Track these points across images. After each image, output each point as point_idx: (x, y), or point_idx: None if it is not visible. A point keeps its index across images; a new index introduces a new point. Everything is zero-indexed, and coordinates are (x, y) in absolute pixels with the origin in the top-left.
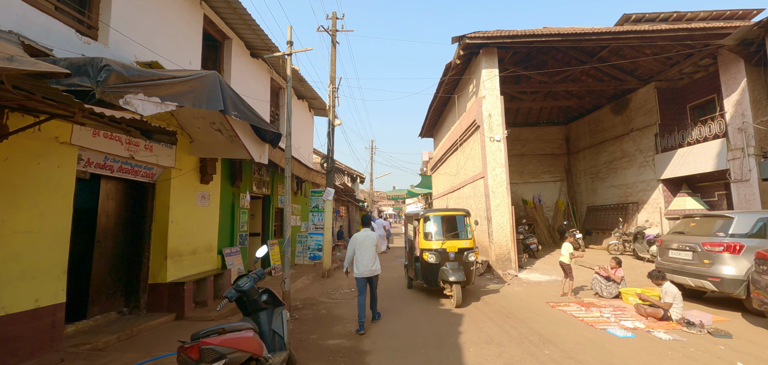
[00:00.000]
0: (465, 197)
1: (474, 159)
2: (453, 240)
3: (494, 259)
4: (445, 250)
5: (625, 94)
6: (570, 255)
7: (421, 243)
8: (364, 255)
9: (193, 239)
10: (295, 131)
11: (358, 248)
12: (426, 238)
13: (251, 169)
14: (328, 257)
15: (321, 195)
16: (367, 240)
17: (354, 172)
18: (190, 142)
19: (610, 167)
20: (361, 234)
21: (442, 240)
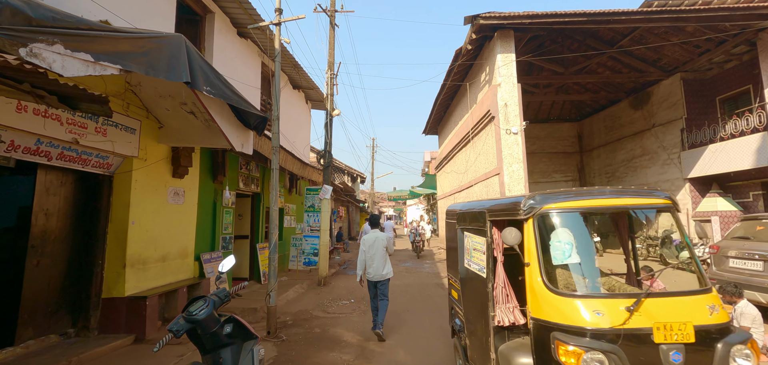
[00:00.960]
0: (476, 196)
1: (487, 154)
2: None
3: None
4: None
5: (646, 86)
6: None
7: (538, 299)
8: (374, 259)
9: (161, 243)
10: (290, 123)
11: (368, 251)
12: (556, 288)
13: (237, 162)
14: (325, 262)
15: (317, 194)
16: (377, 242)
17: (354, 171)
18: (158, 128)
19: (628, 166)
20: (371, 236)
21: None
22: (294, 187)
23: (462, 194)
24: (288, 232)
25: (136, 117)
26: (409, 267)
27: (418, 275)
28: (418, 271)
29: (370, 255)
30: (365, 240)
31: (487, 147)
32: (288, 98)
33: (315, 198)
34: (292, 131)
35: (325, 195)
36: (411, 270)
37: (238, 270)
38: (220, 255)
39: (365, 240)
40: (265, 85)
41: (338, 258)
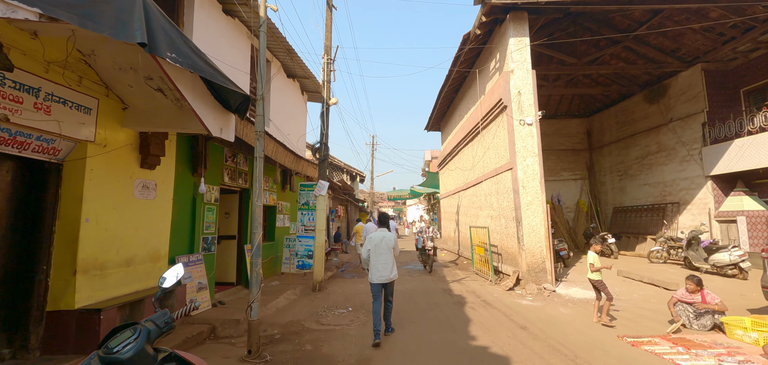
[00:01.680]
0: (483, 194)
1: (497, 148)
2: None
3: (525, 270)
4: None
5: (662, 79)
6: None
7: None
8: (380, 259)
9: (126, 244)
10: (283, 114)
11: (374, 251)
12: None
13: (222, 153)
14: (321, 265)
15: (312, 190)
16: (383, 242)
17: (354, 169)
18: (122, 109)
19: (642, 163)
20: (377, 234)
21: None
22: (288, 183)
23: (468, 192)
24: (281, 232)
25: (91, 94)
26: (412, 271)
27: (423, 280)
28: (422, 275)
29: (376, 256)
30: (371, 238)
31: (497, 140)
32: (281, 87)
33: (309, 194)
34: (285, 123)
35: (320, 191)
36: (414, 275)
37: (224, 274)
38: (199, 258)
39: (371, 238)
40: (255, 70)
41: (336, 259)
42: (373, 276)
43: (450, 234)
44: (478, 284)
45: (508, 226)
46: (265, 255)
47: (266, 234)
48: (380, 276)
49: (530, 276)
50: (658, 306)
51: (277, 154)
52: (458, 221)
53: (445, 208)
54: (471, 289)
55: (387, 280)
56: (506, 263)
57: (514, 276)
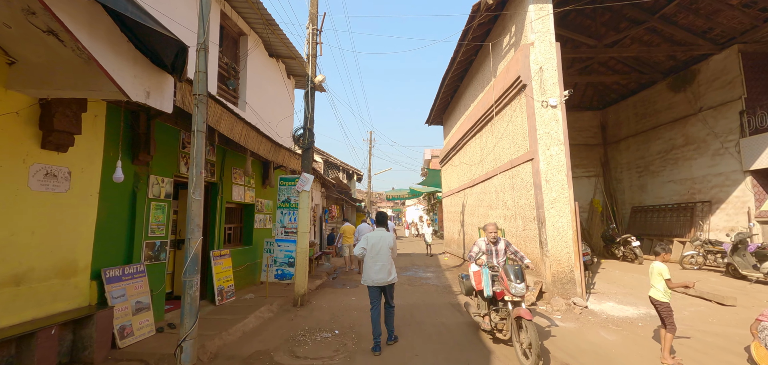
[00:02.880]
0: (495, 191)
1: (513, 136)
2: None
3: (550, 280)
4: None
5: (690, 64)
6: (668, 285)
7: None
8: (378, 261)
9: (14, 254)
10: (265, 99)
11: (371, 251)
12: None
13: (177, 137)
14: (304, 275)
15: (293, 185)
16: (381, 242)
17: (350, 167)
18: (7, 64)
19: (666, 158)
20: (375, 234)
21: None
22: (269, 178)
23: (475, 189)
24: (261, 235)
25: None
26: (412, 277)
27: (425, 290)
28: (423, 284)
29: (372, 256)
30: (369, 238)
31: (513, 127)
32: (261, 67)
33: (291, 190)
34: (266, 108)
35: (304, 185)
36: (414, 283)
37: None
38: (141, 269)
39: (369, 238)
40: (228, 45)
41: (327, 264)
42: (369, 278)
43: (453, 236)
44: None
45: (526, 228)
46: (241, 262)
47: (243, 237)
48: (378, 278)
49: (556, 288)
50: (721, 328)
51: (248, 139)
52: (463, 222)
53: (448, 208)
54: None
55: (386, 283)
56: (531, 273)
57: (536, 288)
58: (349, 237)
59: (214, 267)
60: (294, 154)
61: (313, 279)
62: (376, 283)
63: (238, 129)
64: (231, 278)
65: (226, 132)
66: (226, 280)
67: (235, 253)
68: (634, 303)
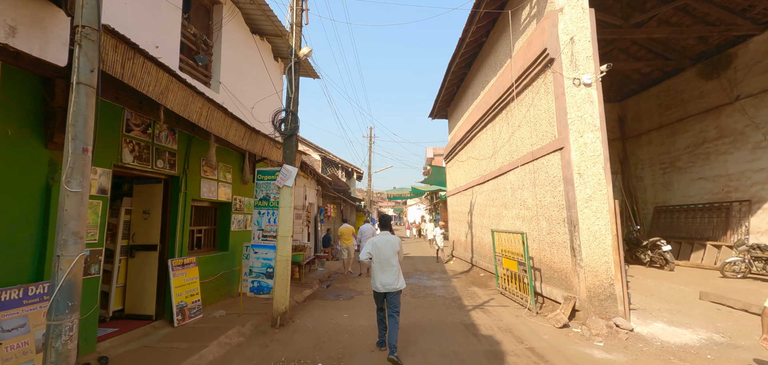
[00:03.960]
0: (510, 188)
1: (535, 122)
2: None
3: (585, 295)
4: None
5: (724, 48)
6: None
7: None
8: (385, 267)
9: None
10: (247, 81)
11: (377, 256)
12: None
13: (119, 115)
14: (284, 289)
15: (273, 179)
16: (386, 246)
17: (349, 165)
18: None
19: (696, 153)
20: (380, 238)
21: None
22: (252, 173)
23: (485, 186)
24: (240, 238)
25: None
26: (415, 286)
27: (431, 303)
28: (428, 295)
29: (378, 261)
30: (374, 242)
31: (536, 112)
32: (241, 44)
33: (270, 186)
34: (247, 92)
35: (285, 180)
36: (418, 293)
37: (137, 302)
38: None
39: (374, 242)
40: (198, 13)
41: (321, 270)
42: (376, 284)
43: (460, 238)
44: (511, 313)
45: (552, 231)
46: (214, 271)
47: (217, 241)
48: (383, 283)
49: (592, 305)
50: None
51: (211, 120)
52: (471, 223)
53: (454, 207)
54: (505, 324)
55: (393, 289)
56: (549, 283)
57: (567, 304)
58: (348, 238)
59: (173, 280)
60: (275, 143)
61: (302, 288)
62: (381, 290)
63: (195, 106)
64: (197, 291)
65: (178, 109)
66: (190, 294)
67: (206, 261)
68: (688, 324)
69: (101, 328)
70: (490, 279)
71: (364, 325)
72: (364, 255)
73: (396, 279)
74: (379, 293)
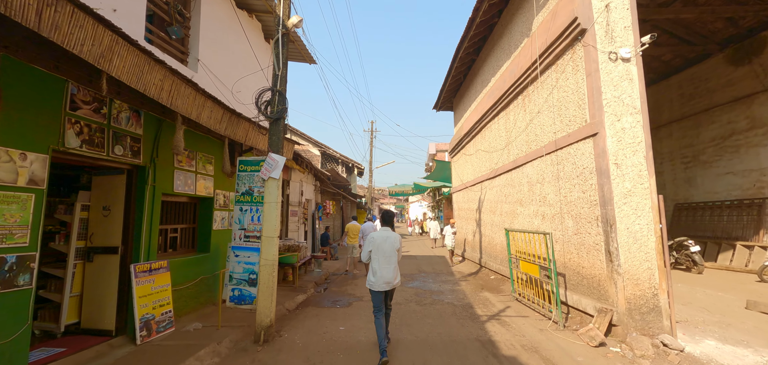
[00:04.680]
0: (528, 182)
1: (561, 106)
2: None
3: (624, 308)
4: None
5: (756, 31)
6: None
7: None
8: (383, 263)
9: None
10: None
11: (376, 252)
12: None
13: (60, 92)
14: (269, 298)
15: (257, 170)
16: (386, 243)
17: (350, 160)
18: None
19: (723, 146)
20: (380, 235)
21: None
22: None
23: (497, 181)
24: (224, 238)
25: None
26: (419, 290)
27: (439, 312)
28: (435, 302)
29: (378, 259)
30: (373, 238)
31: (561, 94)
32: (225, 20)
33: (254, 178)
34: (232, 74)
35: (270, 171)
36: (423, 299)
37: (96, 315)
38: None
39: (373, 238)
40: None
41: (318, 271)
42: (374, 282)
43: (467, 237)
44: (534, 326)
45: (581, 232)
46: (192, 275)
47: (198, 242)
48: (383, 282)
49: (633, 319)
50: None
51: (177, 97)
52: (480, 220)
53: (460, 204)
54: (529, 341)
55: (392, 287)
56: (576, 290)
57: (602, 318)
58: (353, 236)
59: (136, 288)
60: (261, 129)
61: (295, 292)
62: (381, 288)
63: (153, 77)
64: (168, 301)
65: (128, 78)
66: (159, 305)
67: (183, 265)
68: (746, 342)
69: (47, 347)
70: (502, 282)
71: (362, 341)
72: (365, 254)
73: (394, 276)
74: (379, 292)
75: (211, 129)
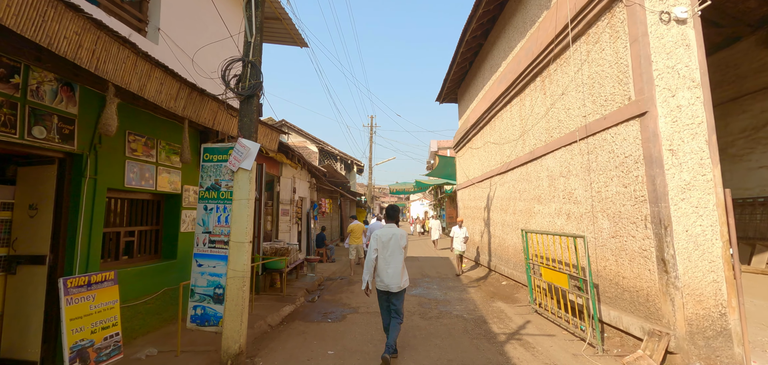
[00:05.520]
0: (548, 176)
1: (595, 83)
2: None
3: (683, 331)
4: None
5: None
6: None
7: None
8: (389, 262)
9: None
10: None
11: (382, 251)
12: None
13: None
14: (238, 319)
15: (224, 160)
16: (392, 241)
17: (349, 157)
18: None
19: (755, 137)
20: (385, 231)
21: None
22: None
23: (510, 176)
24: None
25: None
26: (423, 299)
27: (447, 328)
28: (442, 315)
29: (383, 257)
30: (378, 236)
31: (592, 71)
32: None
33: (221, 169)
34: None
35: (241, 160)
36: (428, 311)
37: (20, 340)
38: None
39: (378, 236)
40: None
41: (311, 276)
42: (379, 282)
43: (474, 238)
44: (564, 349)
45: (620, 233)
46: (154, 287)
47: (162, 247)
48: (388, 283)
49: (695, 346)
50: None
51: (106, 59)
52: (488, 220)
53: (466, 202)
54: None
55: (397, 288)
56: (615, 306)
57: (656, 344)
58: (358, 236)
59: (65, 309)
60: (232, 109)
61: (282, 302)
62: (386, 288)
63: (66, 29)
64: (116, 322)
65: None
66: (101, 327)
67: (140, 275)
68: None
69: None
70: (516, 289)
71: None
72: (370, 253)
73: (401, 276)
74: (382, 291)
75: (164, 107)
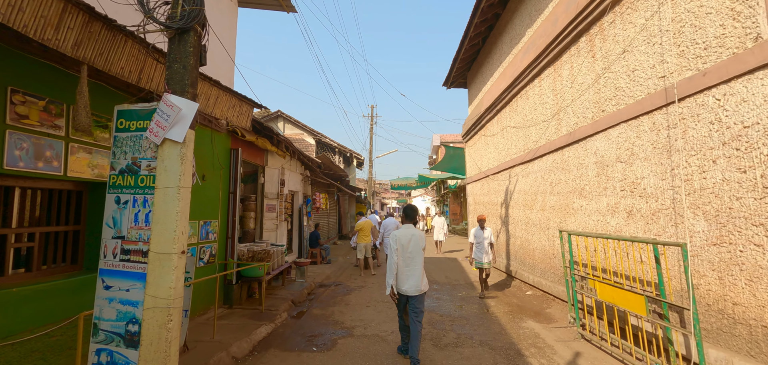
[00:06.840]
0: (595, 163)
1: (681, 28)
2: None
3: None
4: None
5: None
6: None
7: None
8: (410, 266)
9: None
10: None
11: (403, 254)
12: None
13: None
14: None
15: (142, 128)
16: (412, 243)
17: (348, 150)
18: None
19: None
20: (404, 233)
21: None
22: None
23: (537, 164)
24: None
25: None
26: (436, 318)
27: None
28: (461, 339)
29: (403, 259)
30: (398, 237)
31: (679, 10)
32: None
33: (139, 142)
34: None
35: (168, 127)
36: (442, 335)
37: None
38: None
39: (398, 237)
40: None
41: (300, 282)
42: (399, 287)
43: None
44: None
45: (731, 239)
46: (66, 311)
47: (84, 255)
48: (409, 286)
49: None
50: None
51: None
52: (507, 217)
53: (477, 197)
54: None
55: (418, 292)
56: (721, 343)
57: None
58: (366, 235)
59: None
60: (156, 52)
61: (259, 320)
62: (407, 292)
63: None
64: None
65: None
66: None
67: (40, 296)
68: None
69: None
70: (545, 302)
71: None
72: (391, 257)
73: (421, 279)
74: (402, 296)
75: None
